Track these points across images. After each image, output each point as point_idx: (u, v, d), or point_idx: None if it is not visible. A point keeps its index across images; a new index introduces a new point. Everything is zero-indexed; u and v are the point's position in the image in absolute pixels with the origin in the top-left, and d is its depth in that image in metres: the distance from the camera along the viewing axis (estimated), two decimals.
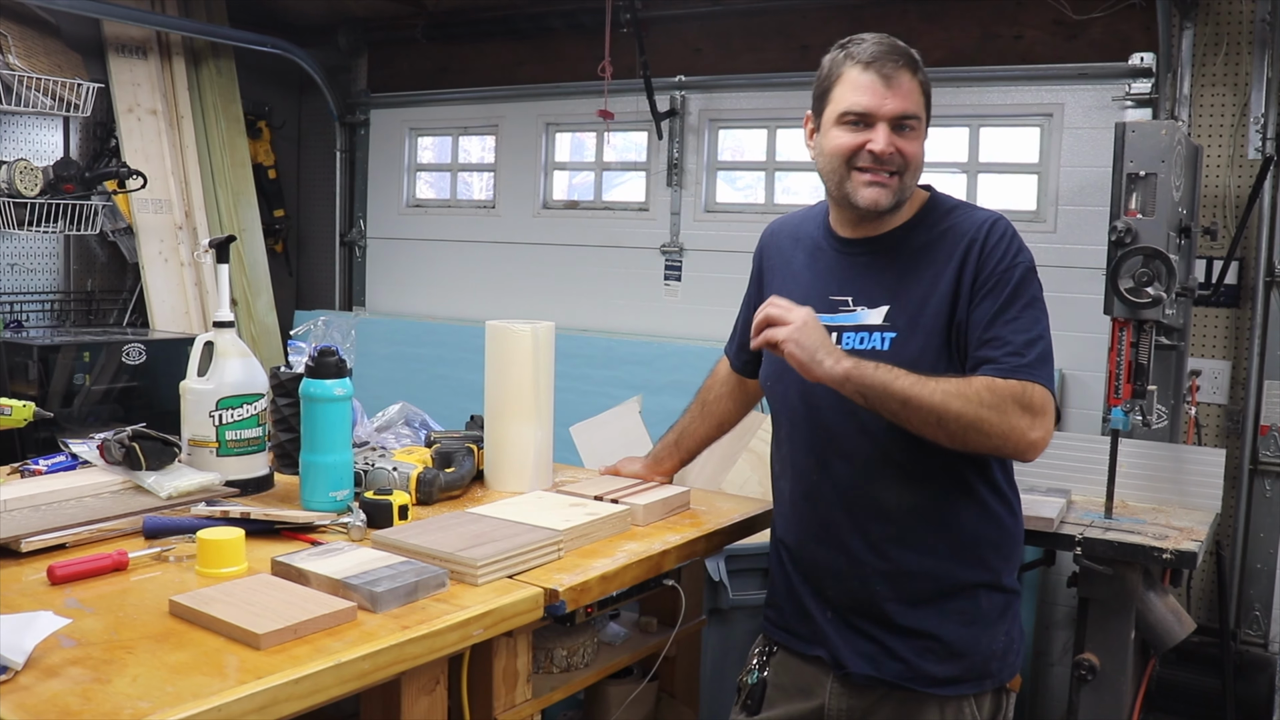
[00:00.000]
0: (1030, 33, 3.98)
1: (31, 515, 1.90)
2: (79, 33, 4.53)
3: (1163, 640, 2.76)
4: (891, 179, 1.87)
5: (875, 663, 1.92)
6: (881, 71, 1.85)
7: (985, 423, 1.73)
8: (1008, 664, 1.93)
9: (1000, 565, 1.93)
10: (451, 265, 5.34)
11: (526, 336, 2.32)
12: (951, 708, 1.90)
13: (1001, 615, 1.93)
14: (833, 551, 1.95)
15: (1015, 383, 1.75)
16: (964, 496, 1.90)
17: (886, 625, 1.91)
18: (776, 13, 4.44)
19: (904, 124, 1.86)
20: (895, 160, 1.86)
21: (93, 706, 1.25)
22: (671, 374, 4.31)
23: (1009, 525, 1.96)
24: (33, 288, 4.54)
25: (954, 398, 1.72)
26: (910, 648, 1.89)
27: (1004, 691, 1.94)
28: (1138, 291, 2.73)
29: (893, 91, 1.85)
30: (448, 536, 1.84)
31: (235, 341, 2.23)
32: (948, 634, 1.89)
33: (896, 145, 1.85)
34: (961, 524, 1.90)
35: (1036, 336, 1.81)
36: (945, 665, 1.89)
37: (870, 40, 1.89)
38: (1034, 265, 1.89)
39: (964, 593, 1.90)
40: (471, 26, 5.13)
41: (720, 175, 4.73)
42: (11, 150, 4.38)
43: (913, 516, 1.89)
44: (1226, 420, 3.69)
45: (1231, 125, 3.63)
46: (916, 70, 1.89)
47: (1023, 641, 2.00)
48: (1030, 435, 1.76)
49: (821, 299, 1.94)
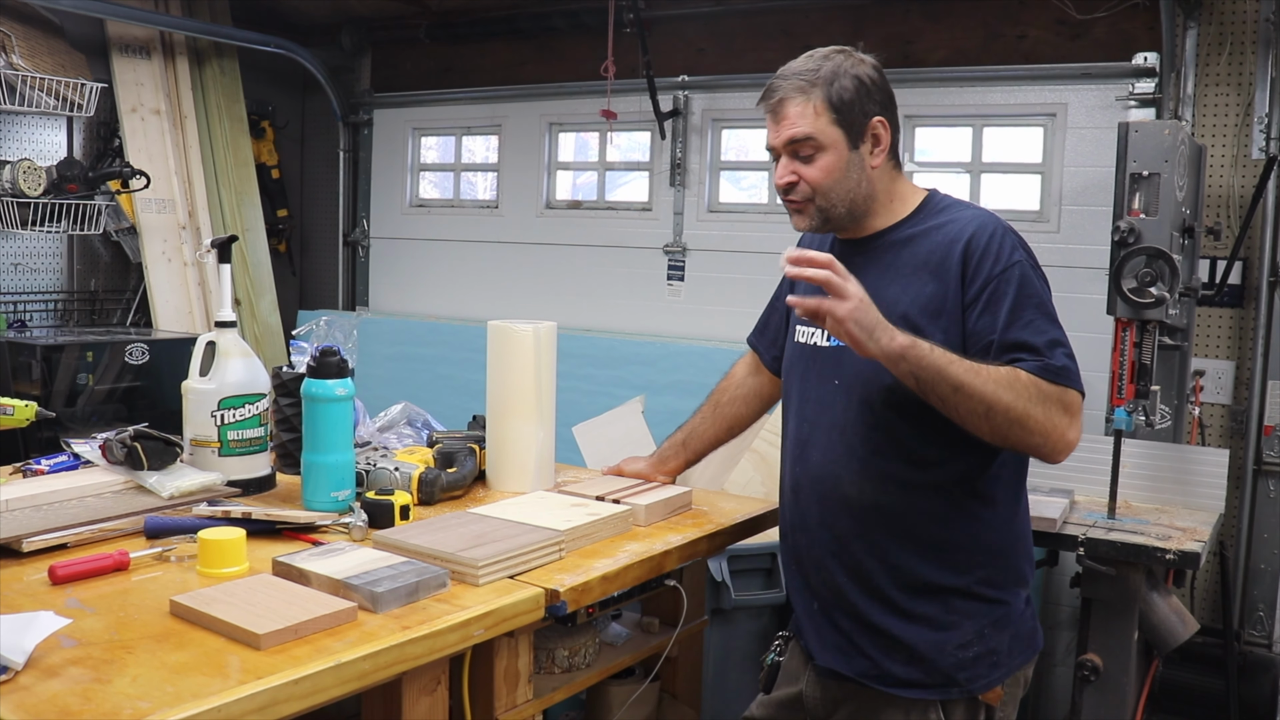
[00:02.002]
0: (1034, 32, 3.98)
1: (33, 515, 1.90)
2: (83, 33, 4.54)
3: (1166, 641, 2.76)
4: (805, 204, 1.92)
5: (844, 656, 1.93)
6: (769, 108, 1.92)
7: (1032, 419, 1.72)
8: (980, 674, 1.87)
9: (982, 572, 1.88)
10: (454, 265, 5.35)
11: (528, 336, 2.32)
12: (917, 711, 1.88)
13: (980, 623, 1.87)
14: (811, 543, 1.96)
15: (1056, 386, 1.74)
16: (932, 498, 1.86)
17: (856, 620, 1.91)
18: (779, 12, 4.44)
19: (797, 151, 1.89)
20: (800, 188, 1.91)
21: (93, 706, 1.25)
22: (674, 374, 4.31)
23: (997, 532, 1.91)
24: (36, 287, 4.55)
25: (1005, 389, 1.70)
26: (876, 645, 1.89)
27: (977, 703, 1.89)
28: (1141, 291, 2.73)
29: (780, 124, 1.90)
30: (449, 536, 1.84)
31: (237, 341, 2.23)
32: (911, 636, 1.87)
33: (799, 172, 1.90)
34: (928, 525, 1.87)
35: (1058, 337, 1.80)
36: (909, 668, 1.87)
37: (776, 75, 1.93)
38: (1032, 261, 1.86)
39: (932, 596, 1.87)
40: (475, 26, 5.13)
41: (723, 175, 4.73)
42: (15, 150, 4.39)
43: (875, 514, 1.88)
44: (1230, 420, 3.69)
45: (1235, 125, 3.62)
46: (810, 90, 1.88)
47: (1026, 655, 1.94)
48: (1068, 436, 1.75)
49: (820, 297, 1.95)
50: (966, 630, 1.87)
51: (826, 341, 1.94)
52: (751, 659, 3.02)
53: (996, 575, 1.91)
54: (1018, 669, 1.93)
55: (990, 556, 1.90)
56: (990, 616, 1.89)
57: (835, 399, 1.90)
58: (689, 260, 4.70)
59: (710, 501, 2.38)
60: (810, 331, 1.99)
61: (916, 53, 4.17)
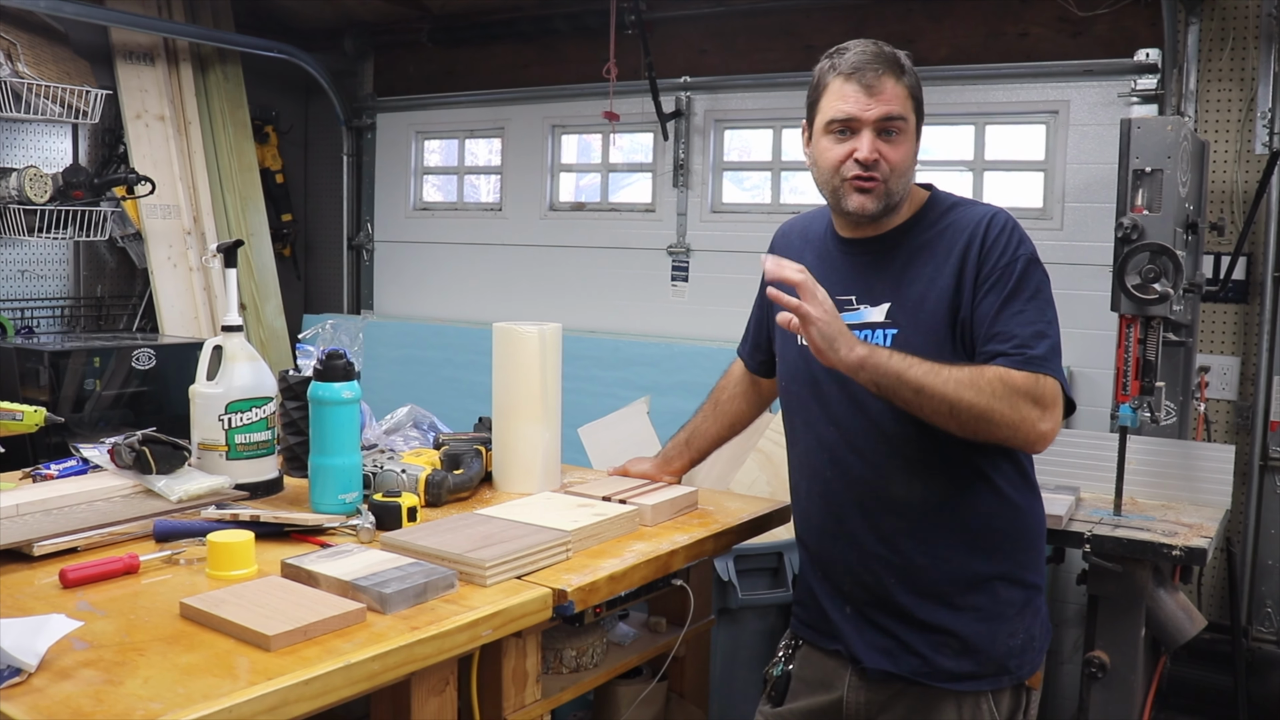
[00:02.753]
0: (1035, 30, 3.98)
1: (43, 519, 1.91)
2: (87, 40, 4.55)
3: (1173, 638, 2.75)
4: (878, 184, 1.89)
5: (892, 657, 1.92)
6: (863, 81, 1.88)
7: (996, 413, 1.74)
8: (1026, 660, 1.92)
9: (1019, 558, 1.93)
10: (459, 268, 5.36)
11: (534, 338, 2.33)
12: (969, 704, 1.89)
13: (1021, 610, 1.92)
14: (847, 547, 1.96)
15: (1028, 375, 1.76)
16: (977, 488, 1.89)
17: (902, 619, 1.91)
18: (781, 13, 4.45)
19: (889, 128, 1.88)
20: (881, 166, 1.88)
21: (105, 708, 1.25)
22: (679, 374, 4.31)
23: (1029, 518, 1.95)
24: (43, 294, 4.57)
25: (966, 388, 1.73)
26: (926, 642, 1.90)
27: (1024, 689, 1.93)
28: (1144, 288, 2.73)
29: (875, 98, 1.87)
30: (456, 538, 1.85)
31: (244, 345, 2.24)
32: (963, 629, 1.88)
33: (881, 151, 1.88)
34: (975, 516, 1.89)
35: (1045, 328, 1.82)
36: (961, 660, 1.88)
37: (854, 49, 1.91)
38: (1036, 256, 1.89)
39: (980, 586, 1.89)
40: (476, 29, 5.14)
41: (726, 175, 4.74)
42: (21, 157, 4.41)
43: (923, 509, 1.89)
44: (1236, 416, 3.68)
45: (1238, 120, 3.62)
46: (902, 74, 1.90)
47: (1047, 639, 1.98)
48: (1040, 427, 1.77)
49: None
50: (1012, 618, 1.90)
51: None
52: (759, 658, 3.01)
53: (1031, 560, 1.95)
54: (1046, 649, 1.98)
55: (1027, 541, 1.95)
56: (1029, 602, 1.93)
57: (868, 399, 1.87)
58: (692, 261, 4.70)
59: (716, 501, 2.39)
60: None
61: (918, 51, 4.13)
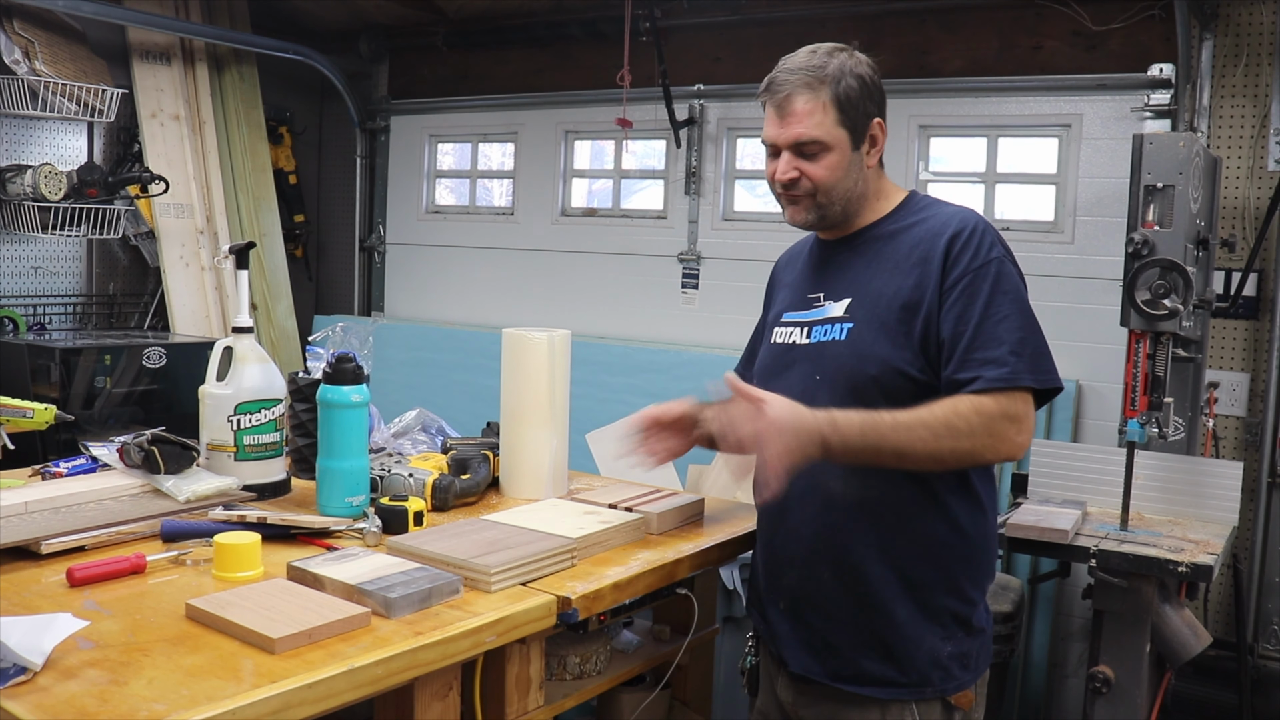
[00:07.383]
0: (1049, 43, 3.98)
1: (51, 517, 1.92)
2: (104, 39, 4.58)
3: (1178, 654, 2.75)
4: (805, 199, 1.93)
5: (817, 657, 1.92)
6: (775, 103, 1.92)
7: (980, 448, 1.75)
8: (952, 676, 1.87)
9: (961, 568, 1.88)
10: (470, 271, 5.37)
11: (543, 344, 2.34)
12: (893, 711, 1.87)
13: (955, 622, 1.88)
14: (789, 539, 1.95)
15: (1000, 397, 1.75)
16: (919, 497, 1.86)
17: (830, 618, 1.90)
18: (796, 22, 4.45)
19: (802, 149, 1.90)
20: (802, 183, 1.91)
21: (109, 708, 1.26)
22: (688, 382, 4.31)
23: (977, 530, 1.90)
24: (55, 291, 4.59)
25: (945, 437, 1.72)
26: (851, 642, 1.88)
27: (950, 706, 1.88)
28: (1154, 303, 2.73)
29: (785, 120, 1.90)
30: (462, 543, 1.85)
31: (254, 347, 2.25)
32: (888, 633, 1.86)
33: (801, 169, 1.90)
34: (913, 524, 1.86)
35: (1024, 335, 1.79)
36: (884, 665, 1.86)
37: (780, 66, 1.94)
38: (1006, 256, 1.86)
39: (914, 592, 1.86)
40: (492, 34, 5.16)
41: (738, 183, 4.74)
42: (36, 155, 4.43)
43: (859, 509, 1.87)
44: (1245, 433, 3.67)
45: (1251, 136, 3.61)
46: (819, 87, 1.89)
47: (986, 661, 1.94)
48: (1018, 440, 1.77)
49: (801, 298, 2.02)
50: (943, 629, 1.87)
51: (807, 339, 1.95)
52: None
53: (973, 574, 1.91)
54: (982, 672, 1.94)
55: (970, 553, 1.90)
56: (965, 616, 1.89)
57: (818, 392, 1.87)
58: (703, 268, 4.71)
59: (722, 509, 2.39)
60: (789, 331, 2.00)
61: (932, 63, 4.17)
